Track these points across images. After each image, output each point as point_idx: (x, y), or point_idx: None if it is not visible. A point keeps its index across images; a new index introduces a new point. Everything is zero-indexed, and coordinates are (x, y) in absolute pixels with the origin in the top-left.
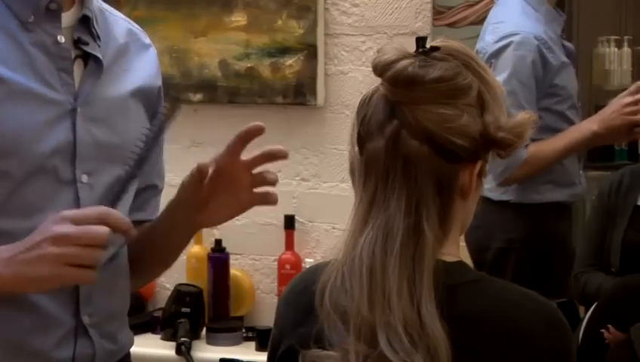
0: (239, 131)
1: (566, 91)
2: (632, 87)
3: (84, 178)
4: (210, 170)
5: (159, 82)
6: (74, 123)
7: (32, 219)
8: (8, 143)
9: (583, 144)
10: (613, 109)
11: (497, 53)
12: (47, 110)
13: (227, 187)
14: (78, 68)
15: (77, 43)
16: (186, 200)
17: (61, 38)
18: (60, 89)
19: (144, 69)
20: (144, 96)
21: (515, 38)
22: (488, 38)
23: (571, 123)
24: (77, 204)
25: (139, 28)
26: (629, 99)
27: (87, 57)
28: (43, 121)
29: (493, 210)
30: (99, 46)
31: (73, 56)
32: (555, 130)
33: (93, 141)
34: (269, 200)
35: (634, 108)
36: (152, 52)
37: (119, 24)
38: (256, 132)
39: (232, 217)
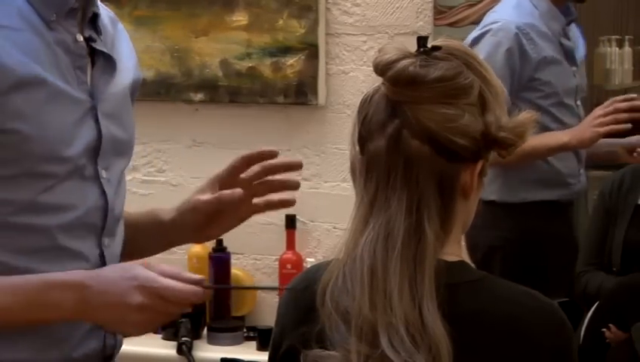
0: (254, 152)
1: (550, 87)
2: (607, 102)
3: (104, 173)
4: (208, 197)
5: (140, 74)
6: (97, 120)
7: (61, 216)
8: (50, 147)
9: (553, 151)
10: (587, 121)
11: (476, 40)
12: (75, 110)
13: (227, 206)
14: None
15: (87, 40)
16: (185, 225)
17: (79, 37)
18: (77, 87)
19: (129, 56)
20: (134, 89)
21: (494, 26)
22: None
23: (559, 121)
24: (104, 199)
25: (108, 9)
26: (600, 112)
27: (93, 54)
28: (73, 122)
29: (481, 210)
30: (101, 40)
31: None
32: (538, 125)
33: (111, 137)
34: (271, 206)
35: (603, 120)
36: (126, 34)
37: (102, 12)
38: (270, 157)
39: (229, 230)
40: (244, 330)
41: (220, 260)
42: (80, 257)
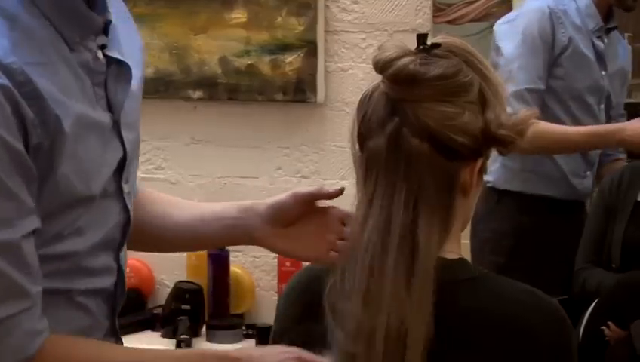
0: (324, 189)
1: (571, 79)
2: None
3: (126, 188)
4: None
5: (144, 55)
6: (121, 138)
7: (86, 240)
8: (84, 183)
9: (601, 139)
10: None
11: (512, 19)
12: (102, 134)
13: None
14: None
15: (101, 48)
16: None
17: (99, 54)
18: (98, 105)
19: (135, 47)
20: (143, 76)
21: (531, 5)
22: None
23: (572, 115)
24: (126, 214)
25: None
26: None
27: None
28: (101, 150)
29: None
30: (108, 40)
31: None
32: (551, 114)
33: (131, 147)
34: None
35: None
36: (132, 21)
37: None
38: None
39: (297, 255)
40: (243, 328)
41: (218, 258)
42: (101, 274)
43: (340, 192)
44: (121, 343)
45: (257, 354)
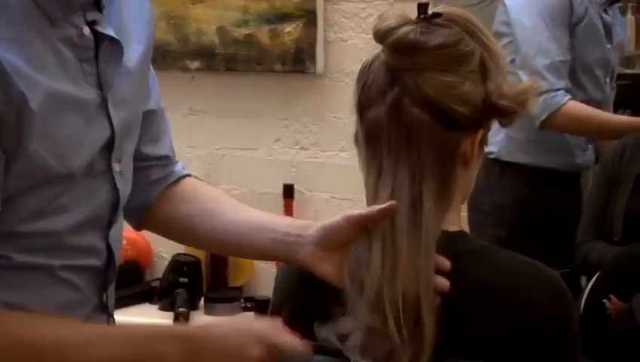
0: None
1: (583, 51)
2: None
3: (117, 167)
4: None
5: (154, 25)
6: (109, 116)
7: (69, 218)
8: (61, 161)
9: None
10: None
11: None
12: (84, 111)
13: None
14: None
15: (90, 25)
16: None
17: (85, 30)
18: (84, 81)
19: (142, 20)
20: (149, 48)
21: None
22: None
23: (582, 87)
24: (115, 194)
25: None
26: None
27: (97, 38)
28: (84, 124)
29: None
30: (103, 16)
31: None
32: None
33: (122, 125)
34: None
35: None
36: None
37: None
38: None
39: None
40: (242, 301)
41: None
42: (87, 252)
43: (394, 209)
44: (112, 318)
45: (220, 333)
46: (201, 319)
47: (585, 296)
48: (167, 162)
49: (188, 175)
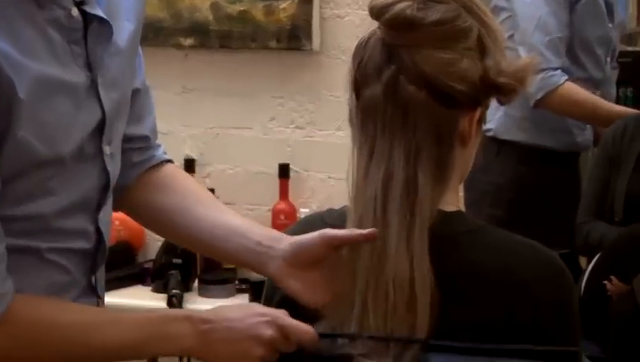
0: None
1: (584, 29)
2: None
3: (107, 149)
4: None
5: (143, 16)
6: (99, 98)
7: (57, 201)
8: (49, 146)
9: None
10: None
11: None
12: (74, 94)
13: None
14: None
15: (79, 5)
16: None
17: (74, 11)
18: (73, 63)
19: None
20: (136, 38)
21: None
22: None
23: (582, 66)
24: (105, 177)
25: None
26: None
27: (85, 17)
28: (74, 108)
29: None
30: None
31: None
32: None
33: (113, 107)
34: None
35: None
36: None
37: None
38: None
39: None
40: (236, 282)
41: None
42: (76, 235)
43: (373, 237)
44: (102, 301)
45: (233, 314)
46: (194, 301)
47: (585, 277)
48: (148, 144)
49: (169, 160)
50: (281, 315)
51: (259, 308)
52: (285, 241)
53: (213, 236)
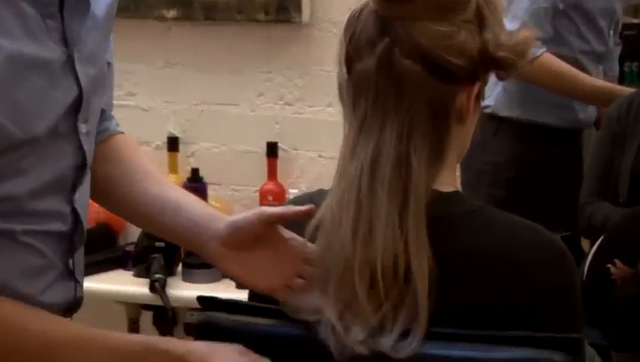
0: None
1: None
2: None
3: (83, 128)
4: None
5: None
6: (75, 74)
7: (30, 182)
8: (23, 128)
9: (605, 98)
10: None
11: None
12: (49, 71)
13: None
14: None
15: None
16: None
17: None
18: (48, 39)
19: None
20: (113, 10)
21: None
22: None
23: (583, 37)
24: (81, 155)
25: None
26: None
27: None
28: (49, 85)
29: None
30: None
31: None
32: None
33: (90, 83)
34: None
35: None
36: None
37: None
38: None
39: (245, 281)
40: None
41: (195, 190)
42: (51, 217)
43: (310, 213)
44: (80, 285)
45: (206, 352)
46: (178, 286)
47: (588, 260)
48: (103, 117)
49: (121, 132)
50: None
51: (235, 347)
52: (222, 222)
53: (152, 211)
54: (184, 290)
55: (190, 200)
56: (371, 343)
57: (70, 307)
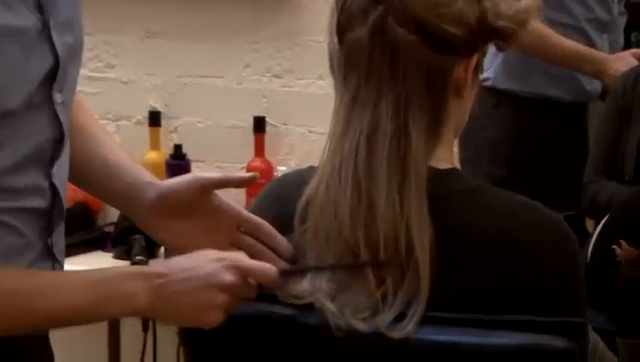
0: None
1: None
2: None
3: (59, 97)
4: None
5: None
6: (52, 42)
7: (3, 157)
8: (1, 100)
9: (582, 63)
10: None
11: None
12: (23, 41)
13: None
14: None
15: None
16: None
17: None
18: (22, 5)
19: None
20: None
21: None
22: None
23: (586, 5)
24: (58, 127)
25: None
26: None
27: None
28: (23, 56)
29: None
30: None
31: None
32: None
33: (66, 52)
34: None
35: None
36: None
37: None
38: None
39: (177, 247)
40: None
41: (178, 168)
42: (29, 193)
43: (251, 180)
44: (60, 264)
45: (188, 264)
46: None
47: (592, 241)
48: None
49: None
50: (240, 257)
51: (214, 253)
52: (155, 188)
53: (91, 171)
54: None
55: (130, 164)
56: (371, 321)
57: None
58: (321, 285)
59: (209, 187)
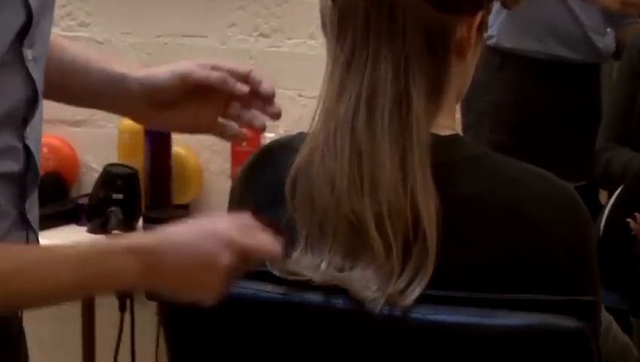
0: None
1: None
2: None
3: (29, 53)
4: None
5: None
6: None
7: None
8: None
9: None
10: None
11: None
12: None
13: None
14: None
15: None
16: (144, 92)
17: None
18: None
19: None
20: None
21: None
22: None
23: None
24: (31, 86)
25: None
26: None
27: None
28: None
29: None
30: None
31: None
32: None
33: (38, 5)
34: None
35: None
36: None
37: None
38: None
39: (174, 127)
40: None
41: (157, 136)
42: (3, 156)
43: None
44: (35, 234)
45: (183, 241)
46: None
47: (605, 214)
48: None
49: None
50: (237, 234)
51: (211, 224)
52: (138, 80)
53: (75, 68)
54: None
55: (100, 56)
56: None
57: None
58: (324, 261)
59: (193, 84)
